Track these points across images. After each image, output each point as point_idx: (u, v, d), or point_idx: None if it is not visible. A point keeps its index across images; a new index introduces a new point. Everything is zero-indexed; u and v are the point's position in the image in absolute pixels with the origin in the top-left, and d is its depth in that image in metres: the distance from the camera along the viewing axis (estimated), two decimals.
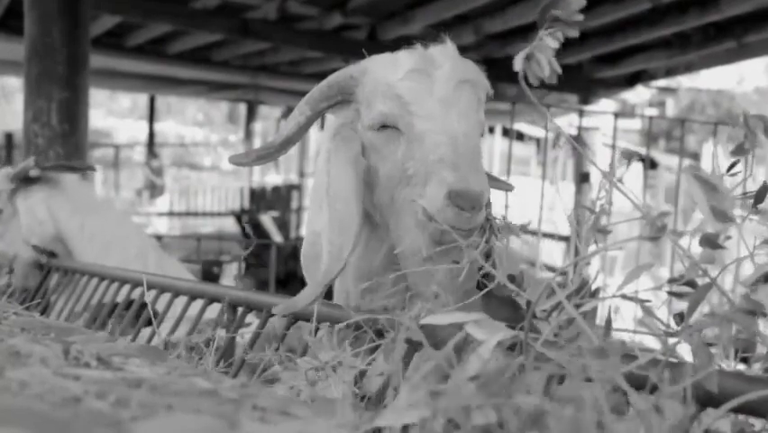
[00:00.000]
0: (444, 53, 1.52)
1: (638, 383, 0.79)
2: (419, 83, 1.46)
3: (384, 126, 1.49)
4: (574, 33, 0.95)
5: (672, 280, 0.87)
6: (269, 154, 1.56)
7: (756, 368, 0.96)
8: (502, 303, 1.23)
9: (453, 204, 1.32)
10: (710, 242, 0.86)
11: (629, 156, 1.06)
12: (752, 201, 1.03)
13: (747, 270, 0.90)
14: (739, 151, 1.04)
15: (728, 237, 0.88)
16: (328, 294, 1.53)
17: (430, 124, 1.44)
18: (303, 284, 1.54)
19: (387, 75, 1.50)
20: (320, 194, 1.55)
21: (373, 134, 1.51)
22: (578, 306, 0.88)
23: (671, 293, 0.87)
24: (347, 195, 1.45)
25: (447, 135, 1.42)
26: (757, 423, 0.97)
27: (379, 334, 1.27)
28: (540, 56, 0.91)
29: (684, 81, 21.35)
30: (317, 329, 1.44)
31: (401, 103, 1.47)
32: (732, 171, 1.07)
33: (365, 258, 1.59)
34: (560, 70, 0.94)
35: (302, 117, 1.54)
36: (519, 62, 0.92)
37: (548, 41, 0.92)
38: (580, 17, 0.94)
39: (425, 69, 1.47)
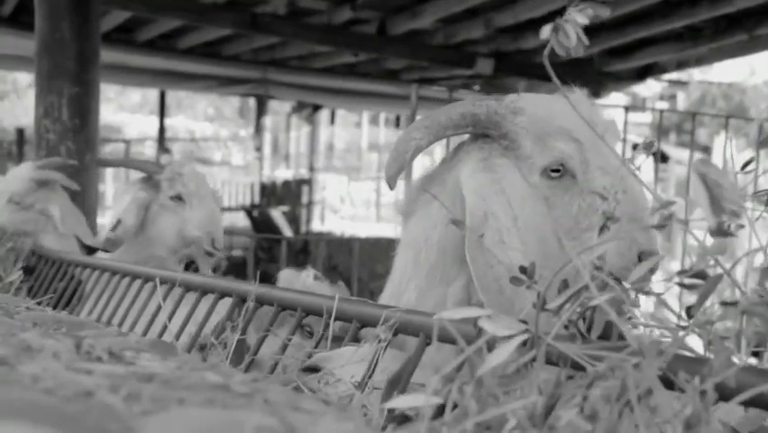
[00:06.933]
0: (593, 103, 1.49)
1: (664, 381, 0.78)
2: (595, 134, 1.43)
3: (556, 171, 1.47)
4: (604, 13, 0.95)
5: (681, 272, 0.87)
6: (391, 178, 1.54)
7: None
8: None
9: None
10: (721, 230, 0.86)
11: (648, 147, 1.06)
12: (765, 197, 1.02)
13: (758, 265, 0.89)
14: (766, 143, 1.03)
15: (741, 226, 0.87)
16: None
17: (612, 179, 1.43)
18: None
19: (556, 118, 1.47)
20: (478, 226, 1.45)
21: (546, 181, 1.48)
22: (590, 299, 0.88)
23: (681, 285, 0.86)
24: (545, 230, 1.43)
25: (632, 194, 1.42)
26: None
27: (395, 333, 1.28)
28: (568, 27, 0.91)
29: (695, 74, 21.25)
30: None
31: (581, 150, 1.45)
32: (746, 168, 1.06)
33: (421, 300, 1.58)
34: (587, 42, 0.93)
35: (423, 141, 1.51)
36: (546, 32, 0.92)
37: (577, 17, 0.92)
38: None
39: (595, 122, 1.41)
